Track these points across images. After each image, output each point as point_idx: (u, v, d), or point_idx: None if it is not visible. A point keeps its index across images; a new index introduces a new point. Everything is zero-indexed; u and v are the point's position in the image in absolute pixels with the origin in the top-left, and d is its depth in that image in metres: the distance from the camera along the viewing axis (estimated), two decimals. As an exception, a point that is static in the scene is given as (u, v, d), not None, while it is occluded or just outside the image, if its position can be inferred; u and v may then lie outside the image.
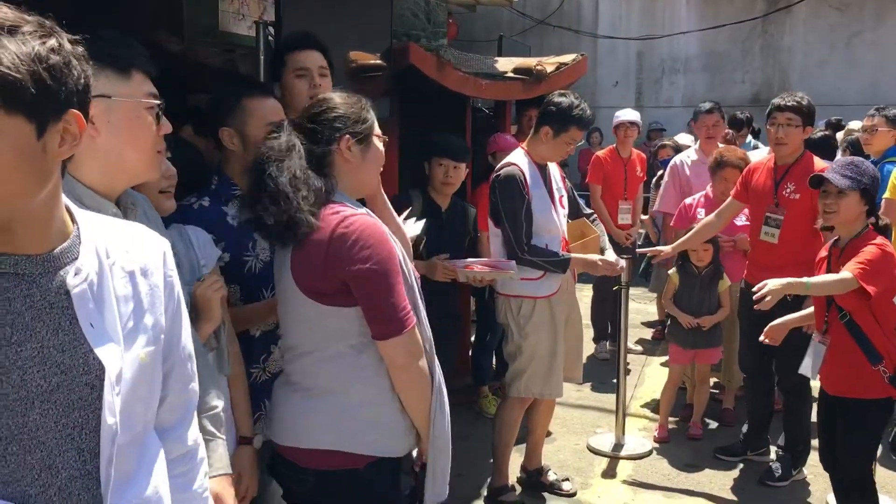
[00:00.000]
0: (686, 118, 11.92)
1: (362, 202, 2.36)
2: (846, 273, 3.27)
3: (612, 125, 6.86)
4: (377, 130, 2.31)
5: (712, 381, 5.51)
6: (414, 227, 3.16)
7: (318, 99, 2.34)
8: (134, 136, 1.60)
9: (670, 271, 5.12)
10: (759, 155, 5.97)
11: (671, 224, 5.83)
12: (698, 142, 6.26)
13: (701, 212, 5.22)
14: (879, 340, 3.33)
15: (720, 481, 4.48)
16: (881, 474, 4.17)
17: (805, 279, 3.39)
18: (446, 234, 4.07)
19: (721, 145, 5.84)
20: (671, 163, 6.34)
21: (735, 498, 4.30)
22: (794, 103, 4.27)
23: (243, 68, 5.05)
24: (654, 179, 7.30)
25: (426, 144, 4.17)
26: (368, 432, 2.18)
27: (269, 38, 4.42)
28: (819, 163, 4.40)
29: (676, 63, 13.13)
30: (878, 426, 3.46)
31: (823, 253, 3.60)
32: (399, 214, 3.50)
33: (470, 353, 5.62)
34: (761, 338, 3.66)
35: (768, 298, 3.31)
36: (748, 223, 4.82)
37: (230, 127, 2.60)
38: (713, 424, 5.28)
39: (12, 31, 1.09)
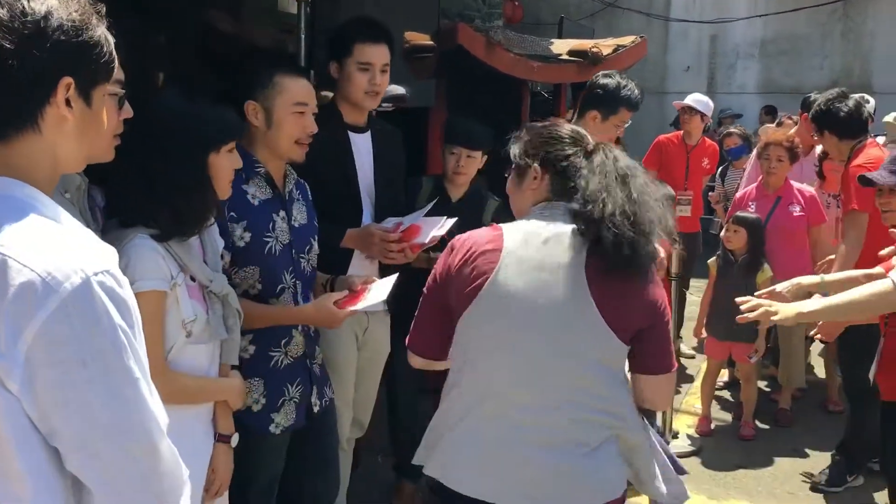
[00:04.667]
0: (760, 104, 11.56)
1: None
2: (878, 269, 3.01)
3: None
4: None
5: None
6: (442, 227, 3.11)
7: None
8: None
9: (710, 260, 4.92)
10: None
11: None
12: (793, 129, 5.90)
13: (752, 205, 5.00)
14: None
15: (769, 484, 4.29)
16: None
17: (822, 276, 3.27)
18: (455, 226, 3.79)
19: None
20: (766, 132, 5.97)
21: (784, 502, 4.12)
22: None
23: (293, 48, 5.02)
24: (721, 169, 6.97)
25: (442, 129, 3.84)
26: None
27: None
28: None
29: (751, 48, 12.65)
30: None
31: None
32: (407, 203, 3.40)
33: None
34: (813, 332, 3.50)
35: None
36: (803, 214, 4.73)
37: (257, 101, 2.57)
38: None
39: None
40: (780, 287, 3.09)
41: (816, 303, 2.86)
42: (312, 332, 2.73)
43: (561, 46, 5.45)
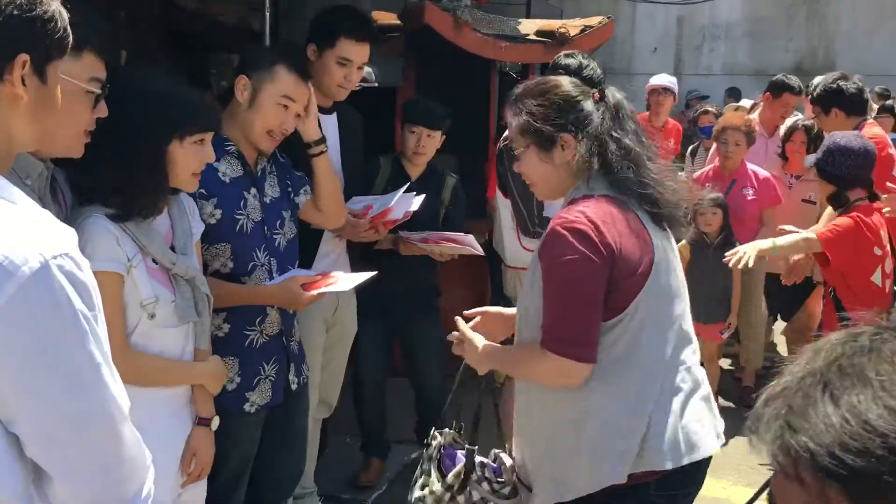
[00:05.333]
0: (726, 86, 11.61)
1: None
2: (811, 234, 3.37)
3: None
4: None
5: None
6: (414, 204, 3.19)
7: None
8: (67, 116, 1.56)
9: (681, 244, 4.91)
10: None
11: None
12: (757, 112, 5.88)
13: (709, 186, 4.93)
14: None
15: (733, 459, 4.35)
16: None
17: (773, 240, 3.51)
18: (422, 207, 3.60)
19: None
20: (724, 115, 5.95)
21: (748, 477, 4.19)
22: None
23: (257, 26, 4.96)
24: (691, 148, 7.01)
25: (402, 109, 3.83)
26: None
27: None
28: None
29: (717, 29, 12.71)
30: None
31: None
32: (366, 183, 3.43)
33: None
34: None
35: (746, 259, 3.42)
36: (755, 197, 4.85)
37: (250, 79, 2.56)
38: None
39: None
40: (742, 248, 3.52)
41: (769, 241, 3.56)
42: (292, 309, 2.73)
43: (529, 26, 5.44)
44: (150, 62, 4.77)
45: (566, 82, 2.06)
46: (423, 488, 2.17)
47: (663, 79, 6.49)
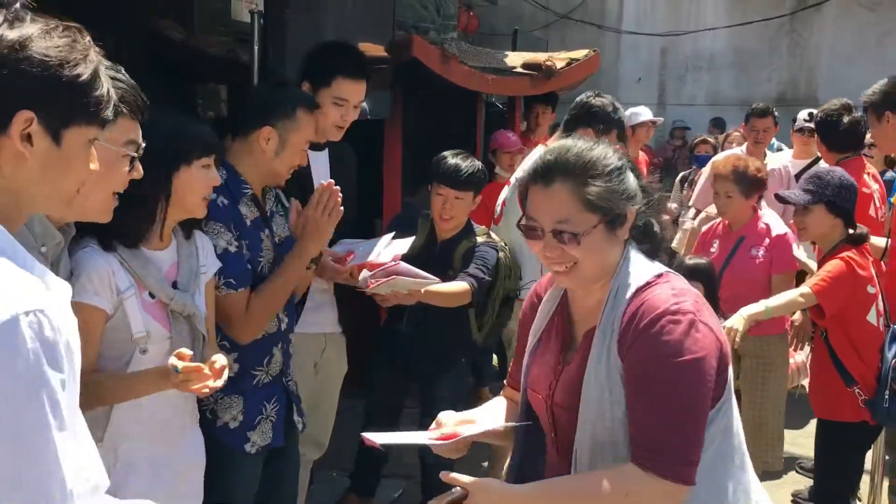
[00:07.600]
0: (709, 116, 11.74)
1: None
2: (805, 288, 3.15)
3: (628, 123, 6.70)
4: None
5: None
6: (401, 245, 3.05)
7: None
8: (103, 179, 1.53)
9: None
10: (782, 157, 5.72)
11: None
12: (745, 145, 5.84)
13: (715, 243, 4.07)
14: (852, 361, 3.13)
15: None
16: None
17: (763, 303, 3.21)
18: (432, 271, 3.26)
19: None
20: (713, 160, 5.97)
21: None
22: None
23: (245, 58, 4.98)
24: (682, 175, 7.06)
25: (430, 164, 3.44)
26: None
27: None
28: None
29: (701, 60, 12.86)
30: (850, 452, 3.25)
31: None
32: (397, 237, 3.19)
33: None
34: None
35: (737, 339, 3.07)
36: (765, 258, 3.92)
37: (275, 129, 2.54)
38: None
39: None
40: (728, 324, 3.14)
41: (757, 305, 3.21)
42: (291, 349, 2.74)
43: (515, 59, 5.50)
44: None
45: (610, 151, 1.72)
46: None
47: (648, 113, 6.58)
